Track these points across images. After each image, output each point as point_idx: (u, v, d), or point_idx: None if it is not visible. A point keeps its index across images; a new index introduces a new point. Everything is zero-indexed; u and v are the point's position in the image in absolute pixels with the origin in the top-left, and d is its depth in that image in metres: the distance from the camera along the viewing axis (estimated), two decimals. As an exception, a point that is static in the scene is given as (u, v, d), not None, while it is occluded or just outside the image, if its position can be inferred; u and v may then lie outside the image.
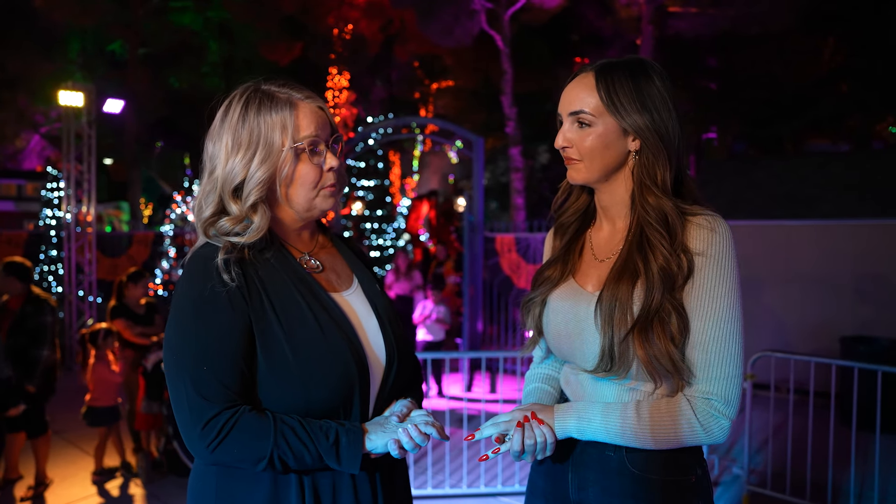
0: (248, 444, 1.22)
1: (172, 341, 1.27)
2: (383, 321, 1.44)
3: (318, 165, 1.36)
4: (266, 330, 1.28)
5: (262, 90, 1.37)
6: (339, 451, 1.25)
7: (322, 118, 1.38)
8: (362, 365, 1.33)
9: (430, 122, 9.99)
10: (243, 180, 1.33)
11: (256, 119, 1.32)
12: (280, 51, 18.91)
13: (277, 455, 1.22)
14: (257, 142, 1.32)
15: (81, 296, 9.31)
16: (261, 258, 1.35)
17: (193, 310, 1.26)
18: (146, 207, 27.76)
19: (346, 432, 1.26)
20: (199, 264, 1.30)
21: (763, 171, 8.66)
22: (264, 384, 1.27)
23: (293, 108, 1.34)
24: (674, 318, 1.30)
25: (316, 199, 1.38)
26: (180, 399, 1.24)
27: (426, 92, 21.49)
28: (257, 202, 1.33)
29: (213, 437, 1.21)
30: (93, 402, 4.73)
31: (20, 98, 17.47)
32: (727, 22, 13.90)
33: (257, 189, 1.32)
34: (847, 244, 6.97)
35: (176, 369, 1.25)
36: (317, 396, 1.28)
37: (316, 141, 1.35)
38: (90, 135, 9.17)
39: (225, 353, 1.24)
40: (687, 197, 1.41)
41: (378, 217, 15.93)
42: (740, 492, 4.45)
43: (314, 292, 1.36)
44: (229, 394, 1.23)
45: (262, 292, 1.30)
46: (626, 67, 1.38)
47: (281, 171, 1.34)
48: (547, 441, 1.35)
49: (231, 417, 1.22)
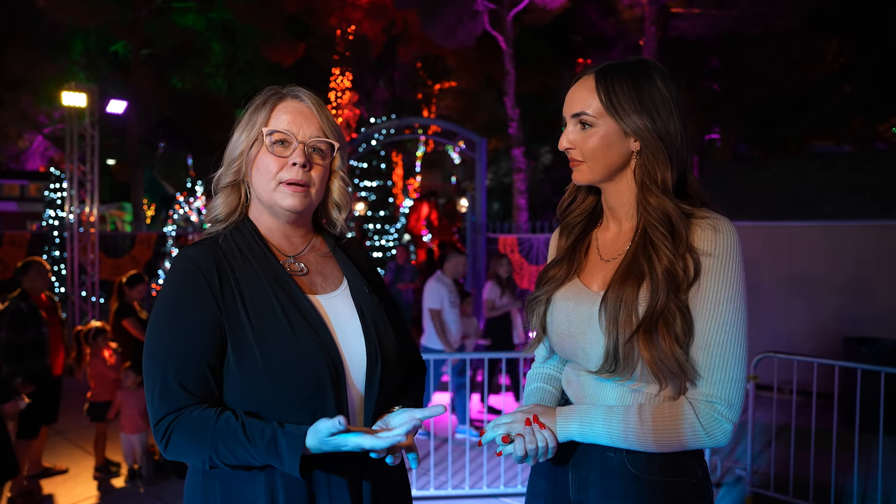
0: (189, 446, 1.25)
1: (147, 339, 1.33)
2: (367, 323, 1.42)
3: (283, 158, 1.39)
4: (237, 332, 1.29)
5: (272, 89, 1.45)
6: (278, 451, 1.20)
7: (304, 117, 1.41)
8: (335, 368, 1.32)
9: (432, 122, 9.99)
10: (229, 161, 1.44)
11: (254, 109, 1.43)
12: (283, 51, 18.94)
13: (218, 458, 1.23)
14: (245, 126, 1.42)
15: (84, 296, 9.32)
16: (242, 260, 1.37)
17: (165, 311, 1.31)
18: (149, 208, 27.82)
19: (285, 433, 1.22)
20: (179, 264, 1.35)
21: (766, 172, 8.64)
22: (236, 383, 1.29)
23: (277, 101, 1.42)
24: (679, 320, 1.30)
25: (275, 193, 1.40)
26: (147, 397, 1.30)
27: (429, 93, 21.50)
28: (233, 183, 1.43)
29: (160, 438, 1.26)
30: (93, 398, 4.88)
31: (23, 99, 17.53)
32: (730, 23, 13.90)
33: (234, 168, 1.42)
34: (850, 245, 6.95)
35: (147, 367, 1.30)
36: (286, 398, 1.28)
37: (284, 134, 1.39)
38: (93, 135, 9.20)
39: (187, 354, 1.27)
40: (694, 198, 1.41)
41: (381, 218, 15.94)
42: (743, 493, 4.44)
43: (290, 294, 1.36)
44: (185, 396, 1.26)
45: (237, 294, 1.32)
46: (627, 69, 1.38)
47: (250, 153, 1.41)
48: (549, 445, 1.35)
49: (174, 420, 1.25)
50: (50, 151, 20.64)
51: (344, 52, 18.98)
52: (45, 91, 16.66)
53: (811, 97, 16.10)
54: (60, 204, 12.63)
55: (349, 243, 1.62)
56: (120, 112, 10.73)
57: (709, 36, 14.65)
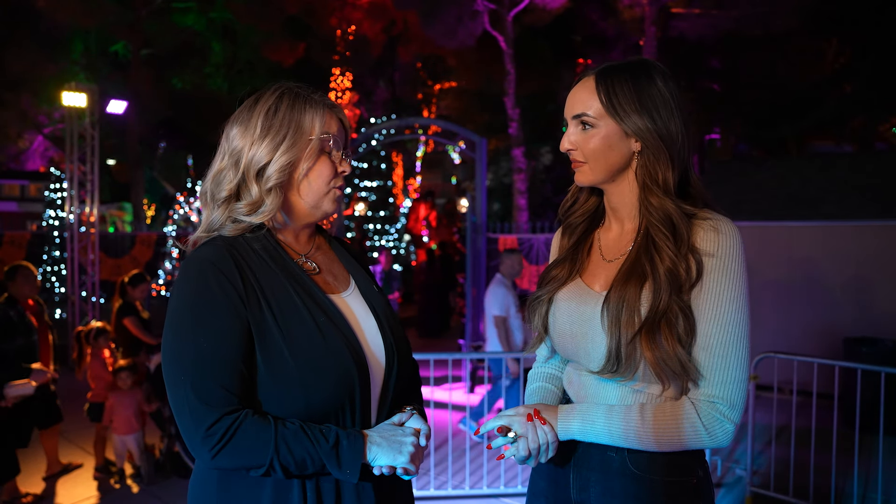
0: (250, 449, 1.21)
1: (171, 346, 1.26)
2: (382, 322, 1.44)
3: (335, 164, 1.41)
4: (264, 333, 1.27)
5: (297, 89, 1.43)
6: (339, 454, 1.24)
7: (342, 128, 1.45)
8: (362, 366, 1.33)
9: (432, 122, 9.98)
10: (267, 164, 1.36)
11: (290, 110, 1.38)
12: (283, 52, 18.95)
13: (279, 460, 1.21)
14: (287, 128, 1.37)
15: (84, 296, 9.32)
16: (258, 260, 1.36)
17: (191, 314, 1.26)
18: (149, 208, 27.83)
19: (346, 435, 1.26)
20: (196, 266, 1.30)
21: (766, 172, 8.64)
22: (264, 387, 1.27)
23: (325, 109, 1.41)
24: (681, 320, 1.30)
25: (325, 198, 1.42)
26: (181, 405, 1.23)
27: (429, 93, 21.52)
28: (275, 186, 1.37)
29: (215, 443, 1.20)
30: (93, 398, 4.87)
31: (23, 99, 17.53)
32: (730, 23, 13.90)
33: (278, 172, 1.36)
34: (850, 245, 6.95)
35: (175, 375, 1.24)
36: (316, 398, 1.27)
37: (337, 142, 1.41)
38: (93, 135, 9.20)
39: (225, 357, 1.24)
40: (696, 198, 1.41)
41: (381, 218, 15.95)
42: (743, 493, 4.44)
43: (312, 294, 1.36)
44: (231, 398, 1.22)
45: (260, 295, 1.30)
46: (627, 70, 1.38)
47: (303, 159, 1.38)
48: (549, 442, 1.36)
49: (233, 423, 1.21)
50: (50, 151, 20.66)
51: (344, 52, 19.00)
52: (46, 91, 16.66)
53: (811, 97, 16.10)
54: (60, 204, 12.64)
55: (344, 242, 1.64)
56: (120, 112, 10.73)
57: (709, 36, 14.65)
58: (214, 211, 1.40)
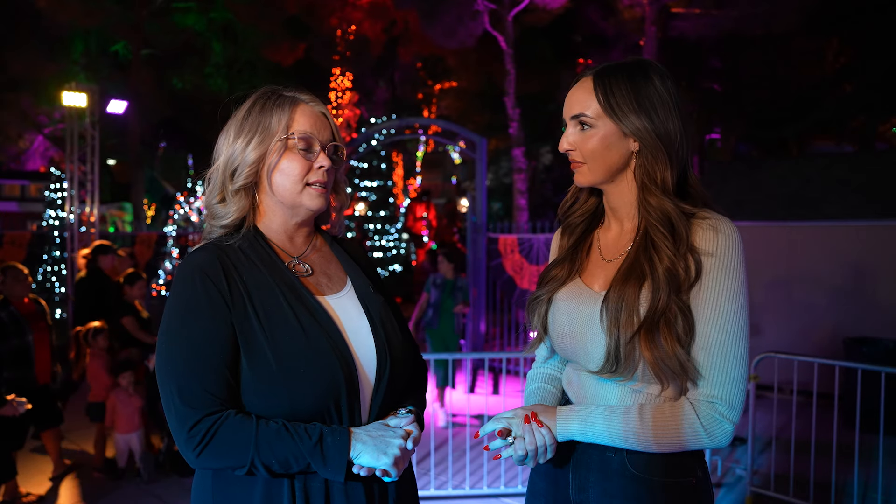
0: (231, 449, 1.23)
1: (160, 349, 1.30)
2: (375, 323, 1.43)
3: (308, 161, 1.41)
4: (249, 337, 1.29)
5: (271, 91, 1.45)
6: (323, 451, 1.24)
7: (321, 121, 1.44)
8: (349, 369, 1.32)
9: (433, 122, 9.99)
10: (237, 165, 1.40)
11: (261, 112, 1.41)
12: (283, 52, 18.94)
13: (260, 459, 1.23)
14: (255, 129, 1.40)
15: (85, 296, 9.30)
16: (248, 263, 1.37)
17: (179, 317, 1.30)
18: (149, 208, 27.83)
19: (331, 432, 1.27)
20: (186, 270, 1.34)
21: (766, 173, 8.65)
22: (249, 388, 1.29)
23: (294, 105, 1.42)
24: (680, 320, 1.30)
25: (302, 195, 1.41)
26: (168, 405, 1.27)
27: (429, 93, 21.53)
28: (245, 186, 1.41)
29: (196, 444, 1.23)
30: (92, 398, 4.88)
31: (24, 99, 17.54)
32: (731, 23, 13.88)
33: (246, 172, 1.39)
34: (851, 245, 6.95)
35: (164, 376, 1.28)
36: (302, 401, 1.28)
37: (309, 138, 1.40)
38: (93, 135, 9.20)
39: (208, 360, 1.26)
40: (696, 198, 1.41)
41: (381, 218, 15.95)
42: (743, 493, 4.44)
43: (300, 296, 1.36)
44: (213, 400, 1.25)
45: (247, 298, 1.32)
46: (625, 70, 1.39)
47: (269, 157, 1.40)
48: (547, 444, 1.35)
49: (214, 424, 1.23)
50: (50, 151, 20.66)
51: (344, 52, 19.00)
52: (46, 91, 16.66)
53: (812, 97, 16.09)
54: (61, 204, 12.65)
55: (347, 242, 1.63)
56: (120, 112, 10.74)
57: (709, 36, 14.65)
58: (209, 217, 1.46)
